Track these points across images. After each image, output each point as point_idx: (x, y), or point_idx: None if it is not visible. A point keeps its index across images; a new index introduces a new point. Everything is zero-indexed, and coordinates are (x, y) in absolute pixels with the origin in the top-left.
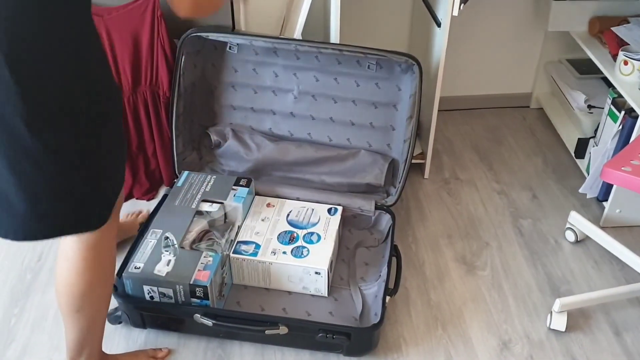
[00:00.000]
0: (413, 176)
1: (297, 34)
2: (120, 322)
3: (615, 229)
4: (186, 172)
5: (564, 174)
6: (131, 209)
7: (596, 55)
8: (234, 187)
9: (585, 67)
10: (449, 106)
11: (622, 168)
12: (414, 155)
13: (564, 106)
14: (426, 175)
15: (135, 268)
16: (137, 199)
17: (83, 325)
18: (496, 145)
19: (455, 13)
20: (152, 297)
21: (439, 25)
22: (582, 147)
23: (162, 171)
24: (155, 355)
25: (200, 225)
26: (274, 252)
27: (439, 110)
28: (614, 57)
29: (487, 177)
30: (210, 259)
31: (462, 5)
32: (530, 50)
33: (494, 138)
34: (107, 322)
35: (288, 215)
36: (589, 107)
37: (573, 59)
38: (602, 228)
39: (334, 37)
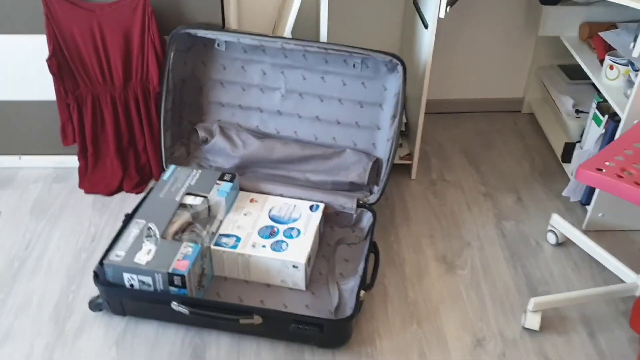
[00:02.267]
0: (400, 177)
1: (287, 33)
2: (100, 310)
3: (599, 233)
4: (173, 166)
5: (551, 178)
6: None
7: (584, 60)
8: (218, 182)
9: (576, 73)
10: (441, 109)
11: (596, 169)
12: (402, 156)
13: (553, 111)
14: (413, 177)
15: (116, 256)
16: (126, 192)
17: None
18: (485, 149)
19: (442, 15)
20: (132, 285)
21: (426, 26)
22: (569, 151)
23: (151, 165)
24: None
25: (183, 217)
26: (253, 245)
27: (430, 113)
28: (602, 62)
29: (474, 180)
30: (190, 249)
31: (449, 7)
32: (522, 55)
33: (483, 142)
34: (87, 309)
35: (270, 210)
36: (577, 112)
37: (564, 64)
38: (585, 232)
39: (323, 36)
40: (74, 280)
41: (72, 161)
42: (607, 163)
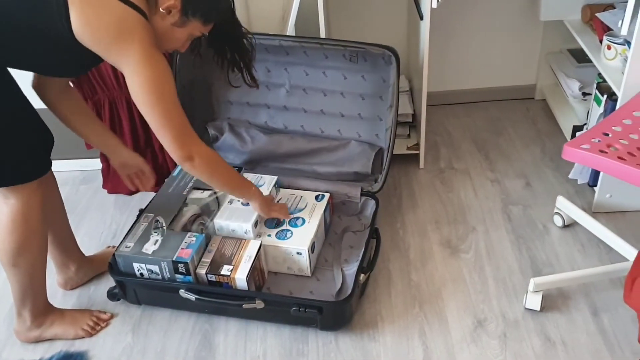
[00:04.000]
0: (409, 166)
1: (290, 31)
2: (118, 299)
3: (607, 215)
4: None
5: (561, 162)
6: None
7: (586, 43)
8: None
9: (585, 56)
10: (453, 100)
11: (582, 146)
12: (409, 146)
13: (563, 95)
14: (421, 166)
15: (125, 247)
16: (146, 191)
17: (21, 279)
18: (495, 136)
19: (434, 5)
20: (141, 274)
21: (421, 18)
22: (577, 134)
23: (168, 165)
24: (99, 316)
25: (192, 210)
26: (259, 235)
27: (442, 104)
28: (602, 42)
29: (482, 167)
30: (194, 239)
31: None
32: (532, 41)
33: (494, 129)
34: (107, 299)
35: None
36: (584, 94)
37: (574, 48)
38: (594, 214)
39: (322, 32)
40: None
41: (96, 164)
42: (592, 140)
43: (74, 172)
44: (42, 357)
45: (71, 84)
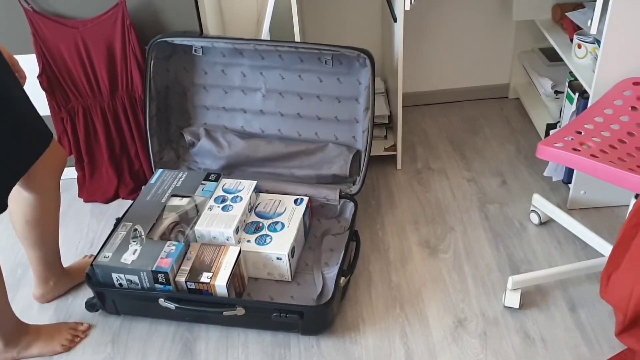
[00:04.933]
0: (386, 167)
1: (265, 35)
2: (97, 310)
3: (583, 211)
4: (160, 170)
5: (536, 160)
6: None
7: (557, 42)
8: (203, 182)
9: (556, 55)
10: (428, 100)
11: (555, 144)
12: (387, 147)
13: (536, 94)
14: (399, 167)
15: (104, 257)
16: (123, 198)
17: None
18: (471, 136)
19: (407, 7)
20: (120, 285)
21: (395, 20)
22: (550, 132)
23: (145, 171)
24: (76, 328)
25: (170, 217)
26: (239, 241)
27: (417, 105)
28: (572, 41)
29: (459, 166)
30: (173, 247)
31: (413, 0)
32: (504, 41)
33: (470, 129)
34: (85, 310)
35: (256, 207)
36: (556, 92)
37: (545, 47)
38: (569, 210)
39: (296, 35)
40: None
41: (71, 172)
42: (565, 138)
43: None
44: None
45: (44, 92)
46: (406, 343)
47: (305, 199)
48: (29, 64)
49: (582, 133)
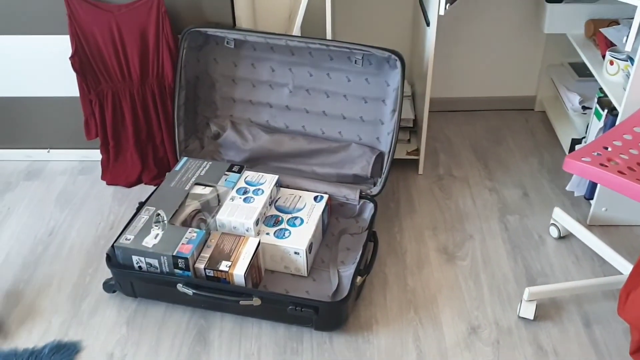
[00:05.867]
0: (408, 171)
1: (296, 31)
2: (114, 291)
3: (602, 228)
4: (185, 158)
5: (559, 174)
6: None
7: (588, 57)
8: (226, 173)
9: (586, 70)
10: (453, 107)
11: (582, 159)
12: (409, 151)
13: (563, 108)
14: (420, 171)
15: (125, 239)
16: (145, 184)
17: None
18: (495, 146)
19: (442, 12)
20: (140, 267)
21: (428, 24)
22: (575, 147)
23: (169, 158)
24: None
25: (192, 205)
26: (258, 233)
27: (442, 111)
28: (604, 57)
29: (481, 175)
30: (195, 234)
31: (449, 5)
32: (533, 53)
33: (494, 139)
34: (102, 291)
35: (276, 201)
36: (583, 108)
37: (575, 62)
38: (589, 226)
39: (328, 34)
40: (92, 264)
41: (96, 155)
42: (594, 153)
43: (73, 162)
44: (35, 346)
45: (75, 74)
46: (418, 346)
47: (325, 196)
48: (62, 44)
49: (610, 149)
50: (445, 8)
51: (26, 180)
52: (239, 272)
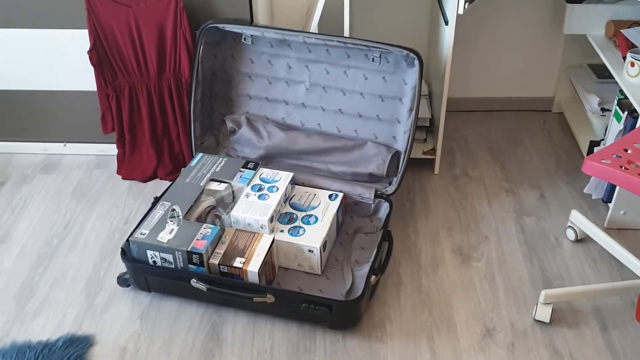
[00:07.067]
0: (423, 171)
1: (313, 28)
2: (128, 285)
3: (620, 231)
4: (201, 154)
5: (576, 176)
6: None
7: (609, 59)
8: (241, 170)
9: (606, 71)
10: (470, 107)
11: (602, 161)
12: (425, 151)
13: (581, 110)
14: (436, 171)
15: (140, 234)
16: (161, 179)
17: None
18: (512, 146)
19: (460, 11)
20: (154, 262)
21: (446, 23)
22: (593, 149)
23: (184, 154)
24: None
25: (207, 201)
26: (272, 230)
27: (459, 111)
28: (625, 59)
29: (497, 176)
30: (209, 230)
31: (467, 4)
32: (552, 54)
33: (510, 139)
34: (116, 285)
35: (291, 198)
36: (603, 110)
37: (595, 63)
38: (607, 229)
39: (346, 31)
40: (106, 258)
41: (111, 149)
42: (614, 155)
43: (89, 156)
44: (49, 339)
45: (93, 68)
46: (432, 347)
47: (340, 195)
48: (81, 39)
49: (630, 152)
50: (464, 7)
51: (42, 174)
52: (252, 268)
